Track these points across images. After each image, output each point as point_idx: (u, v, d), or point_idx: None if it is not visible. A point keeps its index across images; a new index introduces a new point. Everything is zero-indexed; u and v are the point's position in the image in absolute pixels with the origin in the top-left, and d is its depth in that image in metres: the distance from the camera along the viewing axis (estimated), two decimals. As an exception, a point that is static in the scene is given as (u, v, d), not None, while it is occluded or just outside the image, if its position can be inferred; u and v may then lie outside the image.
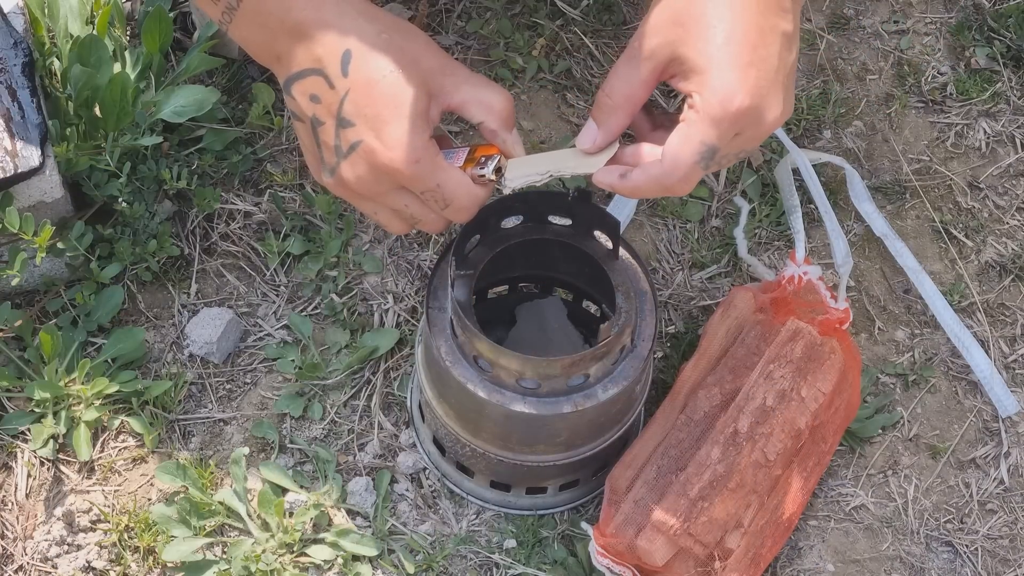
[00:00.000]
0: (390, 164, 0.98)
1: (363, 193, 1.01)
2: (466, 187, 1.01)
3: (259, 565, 1.18)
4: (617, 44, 1.48)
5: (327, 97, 0.98)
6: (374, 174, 0.99)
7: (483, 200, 1.03)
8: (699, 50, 0.94)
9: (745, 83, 0.93)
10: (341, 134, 0.99)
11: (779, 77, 0.95)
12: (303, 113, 1.00)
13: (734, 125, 0.94)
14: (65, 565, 1.18)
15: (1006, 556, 1.26)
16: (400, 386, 1.29)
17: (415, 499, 1.24)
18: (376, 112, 0.98)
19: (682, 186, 0.97)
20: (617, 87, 0.98)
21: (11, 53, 1.25)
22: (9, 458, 1.23)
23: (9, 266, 1.22)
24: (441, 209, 1.02)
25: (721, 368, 1.21)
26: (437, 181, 1.00)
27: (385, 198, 1.02)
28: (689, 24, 0.95)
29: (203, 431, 1.26)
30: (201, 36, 1.36)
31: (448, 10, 1.48)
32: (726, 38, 0.94)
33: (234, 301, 1.33)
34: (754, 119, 0.95)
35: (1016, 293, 1.39)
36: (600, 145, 1.00)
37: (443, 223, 1.04)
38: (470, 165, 1.03)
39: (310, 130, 1.01)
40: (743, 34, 0.94)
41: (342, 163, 1.00)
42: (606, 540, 1.14)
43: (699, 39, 0.94)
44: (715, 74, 0.94)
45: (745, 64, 0.94)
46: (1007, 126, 1.48)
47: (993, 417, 1.33)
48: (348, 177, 1.00)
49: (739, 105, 0.93)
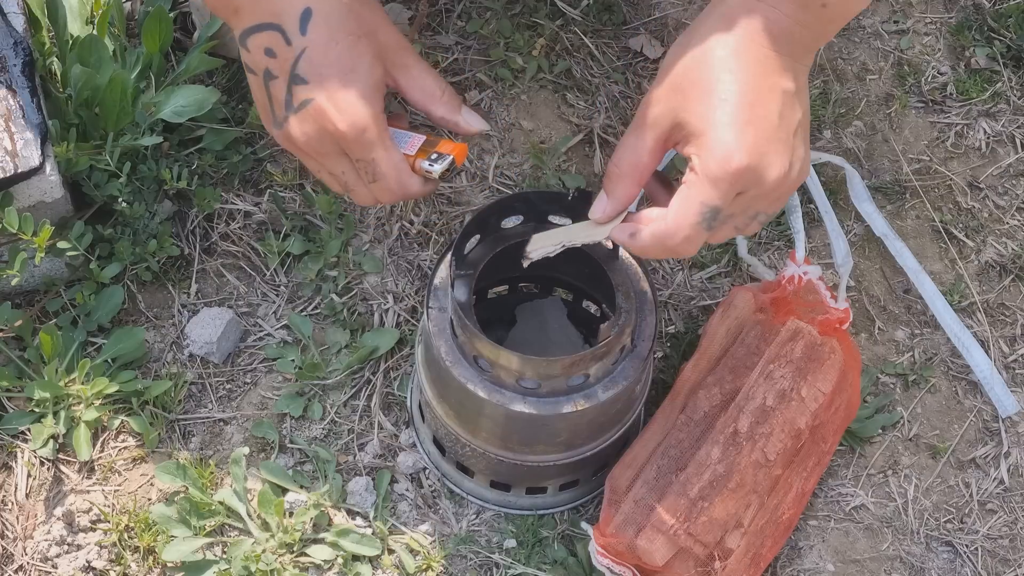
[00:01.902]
0: (336, 127, 1.01)
1: (306, 151, 1.04)
2: (398, 172, 1.04)
3: (259, 565, 1.18)
4: (617, 44, 1.48)
5: (282, 52, 1.01)
6: (319, 134, 1.02)
7: (412, 193, 1.06)
8: (698, 114, 0.95)
9: (743, 142, 0.94)
10: (293, 90, 1.01)
11: (781, 135, 0.96)
12: (256, 66, 1.03)
13: (734, 185, 0.95)
14: (65, 565, 1.18)
15: (1006, 556, 1.26)
16: (400, 386, 1.29)
17: (415, 499, 1.24)
18: (331, 74, 1.00)
19: (685, 247, 0.98)
20: (624, 157, 0.99)
21: (11, 53, 1.25)
22: (9, 458, 1.23)
23: (9, 266, 1.22)
24: (369, 183, 1.05)
25: (721, 368, 1.21)
26: (373, 155, 1.03)
27: (325, 159, 1.04)
28: (688, 90, 0.96)
29: (203, 431, 1.27)
30: (201, 36, 1.36)
31: (448, 10, 1.48)
32: (722, 100, 0.95)
33: (234, 301, 1.33)
34: (755, 178, 0.95)
35: (1016, 293, 1.39)
36: (610, 215, 1.01)
37: (371, 198, 1.06)
38: (422, 156, 1.05)
39: (262, 83, 1.03)
40: (740, 95, 0.95)
41: (291, 118, 1.02)
42: (606, 540, 1.14)
43: (697, 103, 0.96)
44: (713, 135, 0.95)
45: (743, 124, 0.95)
46: (1007, 126, 1.48)
47: (993, 417, 1.33)
48: (295, 133, 1.03)
49: (737, 164, 0.94)
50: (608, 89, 1.45)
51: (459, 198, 1.39)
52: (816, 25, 0.99)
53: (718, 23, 0.98)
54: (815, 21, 0.99)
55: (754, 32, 0.97)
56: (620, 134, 1.42)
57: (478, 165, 1.40)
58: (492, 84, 1.44)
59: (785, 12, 0.97)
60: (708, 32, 0.97)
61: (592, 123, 1.43)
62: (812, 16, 0.98)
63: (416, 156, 1.05)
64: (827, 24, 1.00)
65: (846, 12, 1.00)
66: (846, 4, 0.99)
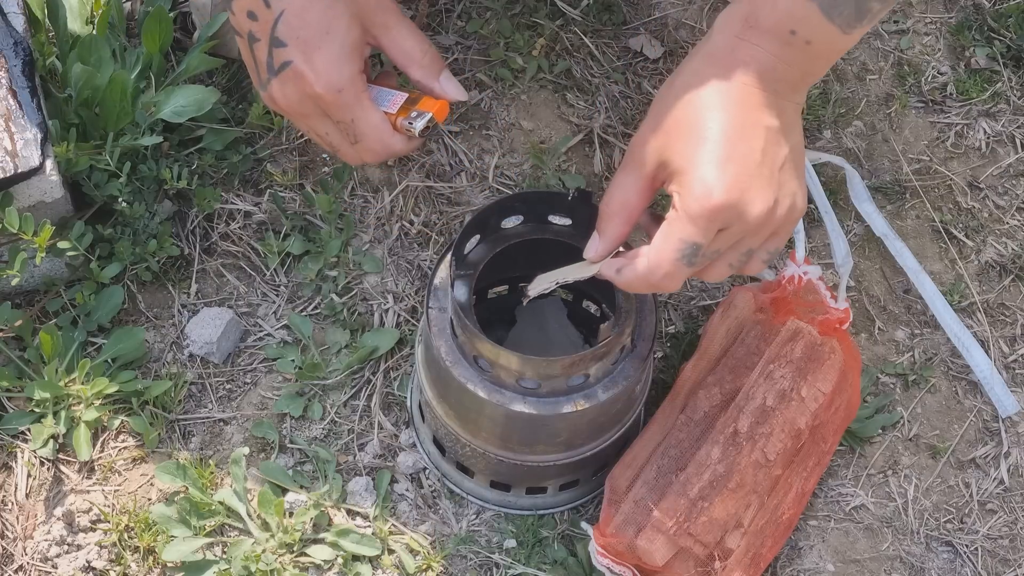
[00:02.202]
0: (314, 89, 1.04)
1: (290, 112, 1.07)
2: (379, 131, 1.07)
3: (259, 565, 1.18)
4: (617, 44, 1.48)
5: (263, 15, 1.04)
6: (300, 97, 1.05)
7: (396, 151, 1.09)
8: (680, 152, 0.97)
9: (722, 179, 0.95)
10: (274, 53, 1.04)
11: (764, 171, 0.96)
12: (241, 29, 1.06)
13: (712, 221, 0.96)
14: (65, 565, 1.18)
15: (1006, 556, 1.26)
16: (400, 386, 1.29)
17: (415, 499, 1.24)
18: (308, 36, 1.03)
19: (667, 283, 0.99)
20: (614, 196, 1.01)
21: (11, 53, 1.25)
22: (9, 458, 1.23)
23: (9, 266, 1.22)
24: (352, 144, 1.08)
25: (721, 368, 1.21)
26: (352, 116, 1.06)
27: (308, 120, 1.08)
28: (672, 129, 0.98)
29: (203, 431, 1.26)
30: (201, 36, 1.36)
31: (448, 10, 1.48)
32: (703, 138, 0.96)
33: (234, 301, 1.33)
34: (736, 214, 0.96)
35: (1016, 293, 1.39)
36: (602, 254, 1.02)
37: (357, 157, 1.09)
38: (403, 115, 1.08)
39: (247, 46, 1.06)
40: (721, 132, 0.96)
41: (273, 80, 1.06)
42: (606, 540, 1.14)
43: (680, 142, 0.97)
44: (693, 173, 0.96)
45: (723, 160, 0.95)
46: (1007, 126, 1.48)
47: (993, 417, 1.33)
48: (276, 96, 1.07)
49: (715, 201, 0.95)
50: (608, 89, 1.45)
51: (459, 198, 1.39)
52: (802, 62, 1.00)
53: (702, 62, 0.99)
54: (801, 58, 0.99)
55: (737, 70, 0.98)
56: (620, 134, 1.42)
57: (478, 165, 1.40)
58: (492, 84, 1.44)
59: (768, 50, 0.98)
60: (692, 71, 0.99)
61: (592, 123, 1.43)
62: (797, 53, 0.99)
63: (398, 114, 1.08)
64: (814, 61, 1.00)
65: (832, 50, 1.01)
66: (832, 43, 1.00)
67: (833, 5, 0.98)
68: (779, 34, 0.99)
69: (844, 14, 0.99)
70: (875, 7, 1.00)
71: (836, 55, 1.03)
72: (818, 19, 0.98)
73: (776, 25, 0.99)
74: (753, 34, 0.99)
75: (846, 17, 0.99)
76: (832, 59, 1.03)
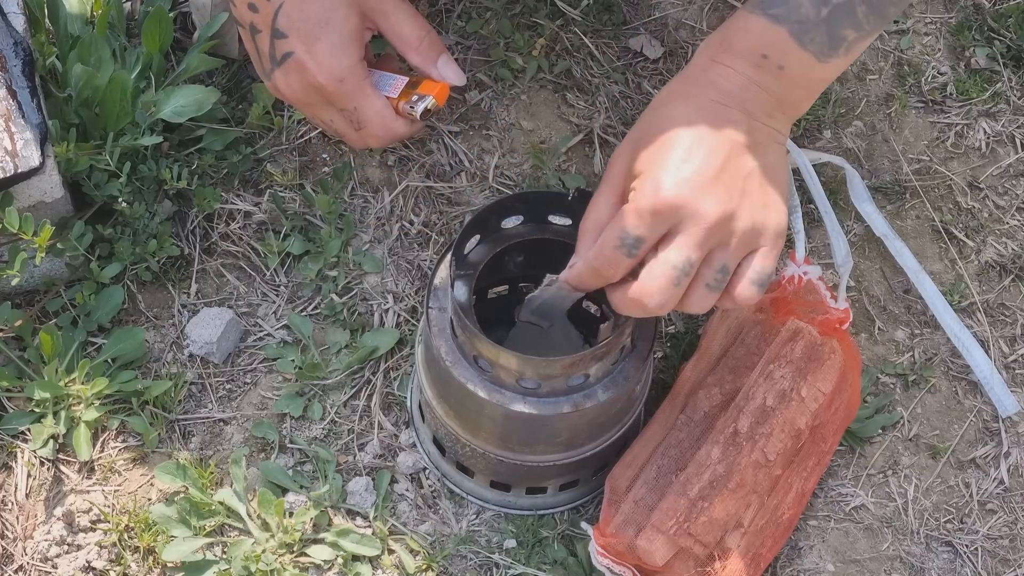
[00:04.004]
0: (317, 79, 1.06)
1: (294, 101, 1.10)
2: (382, 117, 1.09)
3: (259, 565, 1.18)
4: (617, 44, 1.48)
5: (263, 7, 1.06)
6: (303, 87, 1.08)
7: (400, 135, 1.11)
8: (643, 159, 0.98)
9: (673, 178, 0.96)
10: (276, 44, 1.06)
11: (723, 178, 0.97)
12: (243, 20, 1.08)
13: (657, 216, 0.96)
14: (65, 565, 1.18)
15: (1006, 556, 1.26)
16: (400, 386, 1.29)
17: (415, 499, 1.24)
18: (308, 28, 1.05)
19: (609, 270, 1.00)
20: (589, 214, 1.02)
21: (11, 53, 1.25)
22: (9, 458, 1.23)
23: (9, 266, 1.22)
24: (356, 130, 1.10)
25: (721, 368, 1.21)
26: (355, 104, 1.08)
27: (312, 108, 1.10)
28: (640, 141, 0.99)
29: (203, 431, 1.27)
30: (201, 36, 1.36)
31: (448, 10, 1.48)
32: (666, 145, 0.98)
33: (234, 301, 1.33)
34: (686, 214, 0.96)
35: (1016, 293, 1.39)
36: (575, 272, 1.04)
37: (363, 142, 1.12)
38: (405, 99, 1.10)
39: (250, 37, 1.08)
40: (683, 140, 0.97)
41: (276, 71, 1.08)
42: (606, 540, 1.14)
43: (645, 151, 0.98)
44: (649, 173, 0.97)
45: (678, 162, 0.97)
46: (1007, 126, 1.48)
47: (993, 417, 1.33)
48: (281, 85, 1.09)
49: (662, 197, 0.96)
50: (608, 89, 1.45)
51: (459, 198, 1.39)
52: (775, 88, 1.00)
53: (677, 82, 1.02)
54: (773, 83, 1.00)
55: (707, 88, 1.00)
56: (620, 134, 1.42)
57: (478, 165, 1.40)
58: (492, 84, 1.44)
59: (739, 70, 1.00)
60: (668, 91, 1.01)
61: (592, 123, 1.43)
62: (769, 78, 1.00)
63: (399, 98, 1.10)
64: (790, 88, 1.01)
65: (809, 79, 1.02)
66: (807, 71, 1.00)
67: (804, 31, 0.99)
68: (751, 57, 1.00)
69: (816, 41, 0.99)
70: (849, 36, 1.00)
71: (816, 85, 1.03)
72: (788, 44, 0.99)
73: (748, 48, 1.00)
74: (727, 56, 1.01)
75: (819, 44, 1.00)
76: (813, 89, 1.03)
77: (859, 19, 1.00)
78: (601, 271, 1.00)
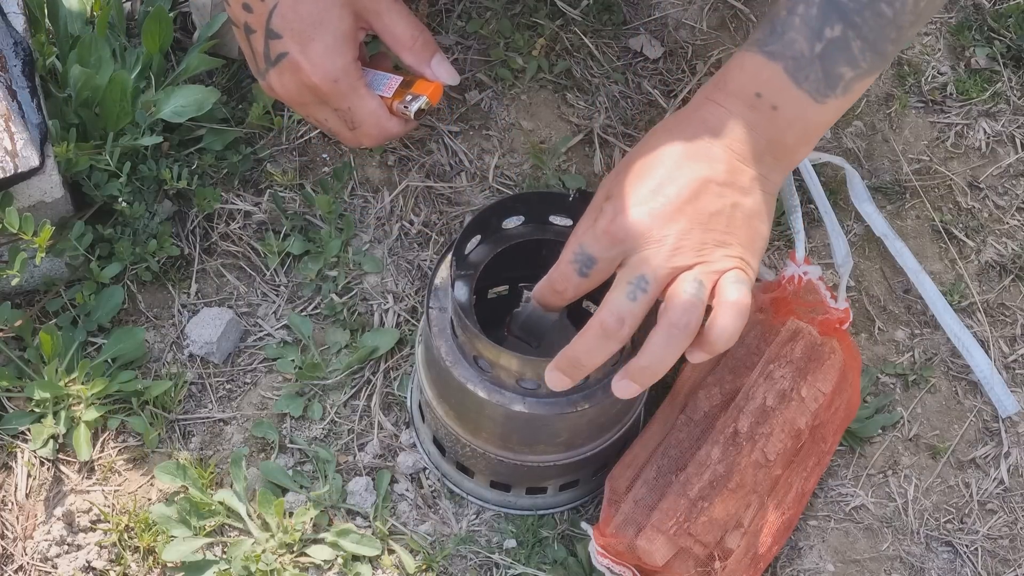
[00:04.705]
0: (311, 80, 1.07)
1: (288, 101, 1.11)
2: (376, 117, 1.10)
3: (259, 565, 1.18)
4: (617, 44, 1.48)
5: (257, 8, 1.06)
6: (298, 87, 1.09)
7: (394, 134, 1.12)
8: (618, 185, 0.99)
9: (636, 206, 0.96)
10: (270, 44, 1.07)
11: (689, 211, 0.96)
12: (237, 20, 1.08)
13: (612, 238, 0.96)
14: (65, 565, 1.18)
15: (1006, 556, 1.26)
16: (400, 386, 1.29)
17: (415, 499, 1.24)
18: (301, 28, 1.06)
19: (562, 285, 1.00)
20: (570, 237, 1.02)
21: (11, 53, 1.25)
22: (9, 458, 1.23)
23: (9, 266, 1.22)
24: (350, 130, 1.11)
25: (721, 368, 1.21)
26: (349, 104, 1.09)
27: (307, 108, 1.11)
28: (623, 170, 1.00)
29: (203, 431, 1.27)
30: (201, 36, 1.36)
31: (448, 10, 1.48)
32: (640, 173, 0.98)
33: (234, 301, 1.33)
34: (640, 242, 0.96)
35: (1016, 293, 1.39)
36: None
37: (357, 141, 1.13)
38: (398, 98, 1.11)
39: (244, 36, 1.09)
40: (656, 169, 0.97)
41: (270, 71, 1.09)
42: (606, 540, 1.14)
43: (622, 177, 0.99)
44: (616, 197, 0.97)
45: (646, 191, 0.97)
46: (1007, 126, 1.48)
47: (993, 417, 1.33)
48: (275, 85, 1.10)
49: (619, 220, 0.96)
50: (608, 89, 1.45)
51: (459, 198, 1.39)
52: (768, 128, 0.99)
53: (670, 119, 1.01)
54: (766, 124, 0.98)
55: (695, 126, 0.99)
56: (620, 134, 1.42)
57: (478, 165, 1.40)
58: (492, 84, 1.44)
59: (730, 109, 0.99)
60: (661, 125, 1.01)
61: (592, 123, 1.43)
62: (762, 118, 0.98)
63: (393, 98, 1.11)
64: (783, 130, 0.99)
65: (805, 120, 0.99)
66: (803, 111, 0.98)
67: (798, 68, 0.97)
68: (744, 96, 0.98)
69: (811, 79, 0.98)
70: (847, 74, 0.98)
71: (813, 129, 1.00)
72: (783, 82, 0.98)
73: (742, 87, 0.99)
74: (720, 95, 1.00)
75: (814, 83, 0.98)
76: (809, 133, 1.00)
77: (855, 55, 0.98)
78: (555, 286, 1.01)
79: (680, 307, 0.96)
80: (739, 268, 0.98)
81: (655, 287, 0.96)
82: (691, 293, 0.96)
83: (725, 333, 0.97)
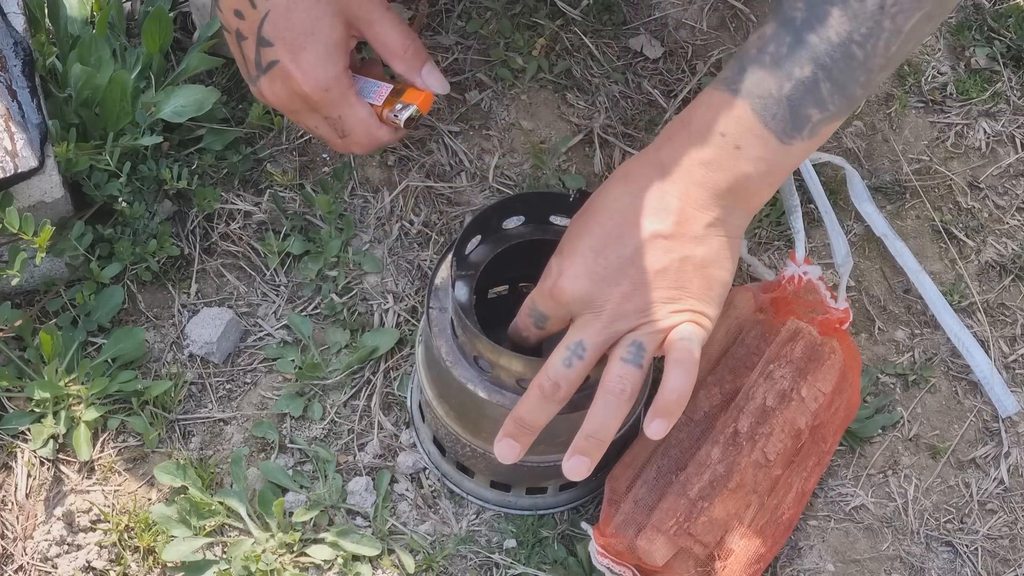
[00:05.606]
0: (302, 88, 1.07)
1: (279, 108, 1.12)
2: (366, 125, 1.11)
3: (259, 565, 1.18)
4: (617, 44, 1.48)
5: (249, 15, 1.06)
6: (288, 94, 1.09)
7: (384, 142, 1.13)
8: (567, 238, 1.01)
9: (576, 267, 0.98)
10: (261, 52, 1.07)
11: (631, 272, 0.96)
12: (229, 26, 1.09)
13: (556, 301, 0.99)
14: (65, 565, 1.18)
15: (1006, 556, 1.26)
16: (400, 386, 1.29)
17: (415, 499, 1.24)
18: (293, 37, 1.06)
19: (525, 332, 1.05)
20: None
21: (11, 53, 1.25)
22: (9, 458, 1.23)
23: (9, 266, 1.22)
24: (340, 137, 1.12)
25: (721, 368, 1.21)
26: (340, 112, 1.10)
27: (298, 115, 1.12)
28: (578, 218, 1.01)
29: (203, 431, 1.26)
30: (201, 36, 1.36)
31: (448, 10, 1.48)
32: (586, 229, 0.99)
33: (234, 301, 1.33)
34: (581, 306, 0.98)
35: (1016, 293, 1.39)
36: None
37: (346, 148, 1.14)
38: (389, 107, 1.12)
39: (235, 42, 1.09)
40: (599, 226, 0.98)
41: (261, 78, 1.09)
42: (606, 540, 1.14)
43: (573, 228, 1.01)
44: (562, 255, 0.99)
45: (588, 251, 0.98)
46: (1007, 126, 1.48)
47: (993, 417, 1.33)
48: (266, 92, 1.10)
49: (561, 285, 0.98)
50: (608, 89, 1.45)
51: (459, 198, 1.39)
52: (730, 168, 0.97)
53: (633, 160, 1.01)
54: (729, 164, 0.97)
55: (655, 167, 0.98)
56: (620, 134, 1.42)
57: (478, 165, 1.40)
58: (492, 84, 1.44)
59: (691, 150, 0.97)
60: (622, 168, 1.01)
61: (592, 123, 1.43)
62: (724, 157, 0.97)
63: (384, 106, 1.12)
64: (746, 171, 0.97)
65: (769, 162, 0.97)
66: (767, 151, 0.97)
67: (765, 107, 0.96)
68: (707, 135, 0.97)
69: (778, 118, 0.96)
70: (814, 116, 0.97)
71: (776, 170, 0.99)
72: (750, 120, 0.96)
73: (706, 125, 0.97)
74: (683, 133, 0.98)
75: (781, 122, 0.96)
76: (772, 175, 0.99)
77: (824, 97, 0.96)
78: (520, 332, 1.05)
79: (613, 374, 0.99)
80: (690, 321, 0.99)
81: (592, 353, 0.99)
82: (626, 359, 0.98)
83: (674, 394, 0.99)
